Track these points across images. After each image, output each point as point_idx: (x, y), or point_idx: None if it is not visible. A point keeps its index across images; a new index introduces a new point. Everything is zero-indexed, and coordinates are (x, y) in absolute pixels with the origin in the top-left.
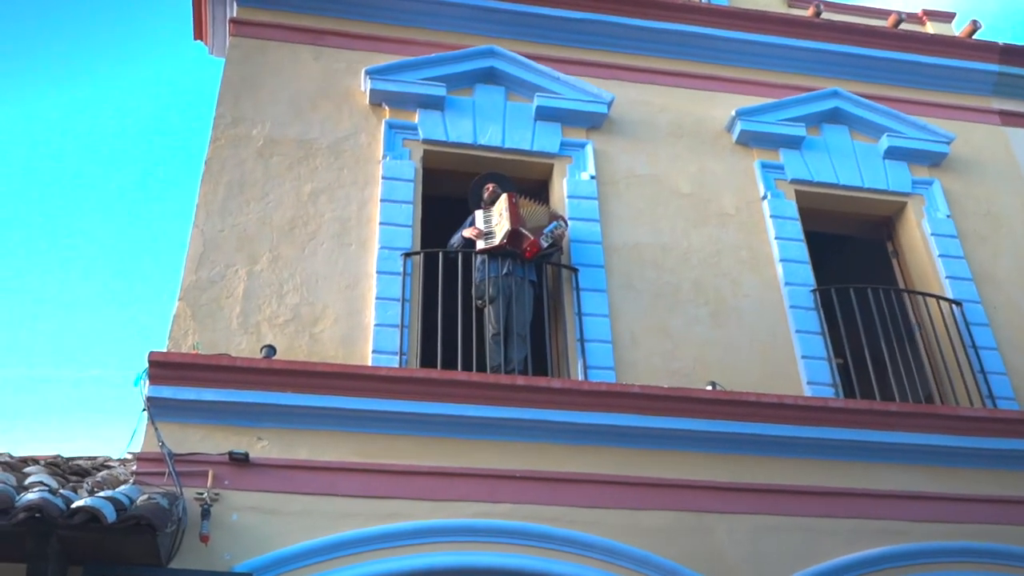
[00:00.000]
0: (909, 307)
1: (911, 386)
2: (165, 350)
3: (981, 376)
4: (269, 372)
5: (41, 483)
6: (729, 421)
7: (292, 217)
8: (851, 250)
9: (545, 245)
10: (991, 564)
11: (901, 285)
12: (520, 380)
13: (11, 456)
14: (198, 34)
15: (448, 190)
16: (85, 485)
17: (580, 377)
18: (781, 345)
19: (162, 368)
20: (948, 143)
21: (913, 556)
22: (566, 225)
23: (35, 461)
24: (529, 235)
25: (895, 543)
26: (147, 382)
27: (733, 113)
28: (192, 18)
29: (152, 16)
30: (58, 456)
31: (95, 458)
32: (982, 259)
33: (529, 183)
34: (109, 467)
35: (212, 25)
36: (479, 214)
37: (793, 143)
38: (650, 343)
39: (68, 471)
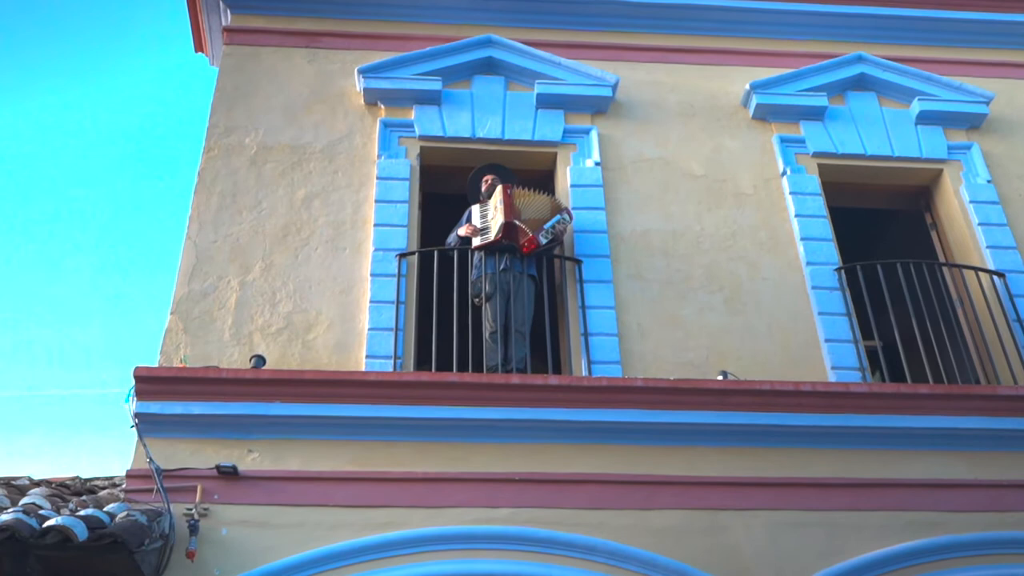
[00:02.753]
0: (950, 282)
1: (947, 367)
2: (157, 364)
3: None
4: (257, 383)
5: (33, 504)
6: (742, 412)
7: (285, 224)
8: (896, 225)
9: (544, 242)
10: None
11: (942, 259)
12: (515, 379)
13: (30, 479)
14: (198, 46)
15: (449, 187)
16: (69, 504)
17: (584, 373)
18: (803, 329)
19: (148, 383)
20: (987, 103)
21: (949, 549)
22: (570, 218)
23: (49, 483)
24: (525, 228)
25: (929, 536)
26: (135, 398)
27: (747, 87)
28: (191, 30)
29: (154, 30)
30: (76, 477)
31: (112, 478)
32: None
33: (532, 174)
34: (119, 485)
35: (210, 36)
36: (475, 209)
37: (815, 114)
38: (659, 334)
39: (81, 491)
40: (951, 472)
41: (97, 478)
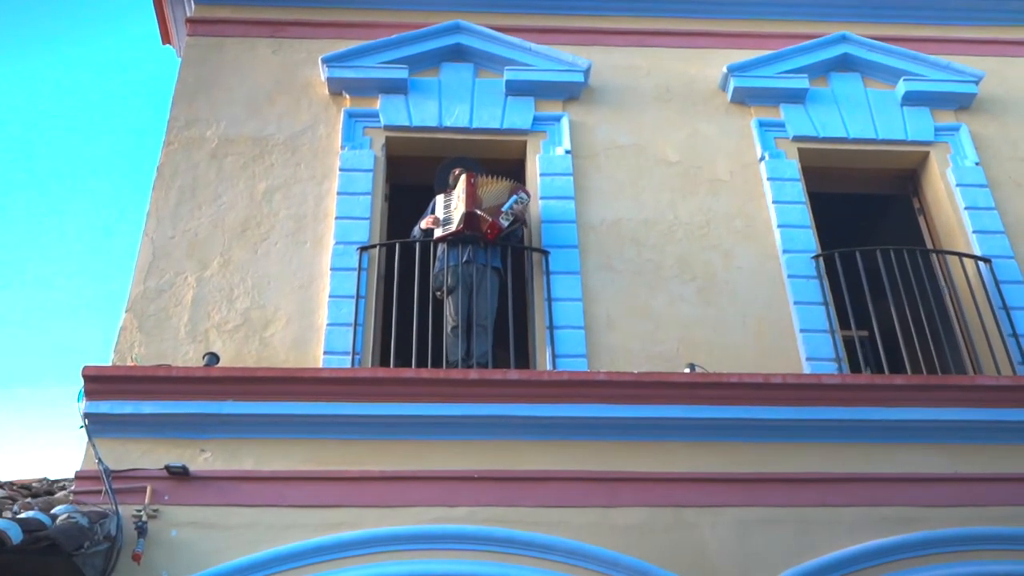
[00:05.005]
0: (937, 268)
1: (930, 357)
2: (110, 363)
3: (1013, 340)
4: (208, 381)
5: None
6: (709, 406)
7: (245, 218)
8: (889, 212)
9: (506, 224)
10: (1018, 551)
11: (929, 244)
12: (474, 374)
13: None
14: (166, 38)
15: (417, 178)
16: (13, 507)
17: (549, 367)
18: (778, 319)
19: (98, 383)
20: (977, 82)
21: (925, 545)
22: (528, 197)
23: (12, 485)
24: (487, 216)
25: (906, 531)
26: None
27: (725, 69)
28: (157, 22)
29: (121, 21)
30: (44, 479)
31: None
32: (1017, 209)
33: (502, 164)
34: None
35: (176, 27)
36: (439, 199)
37: (795, 97)
38: (628, 326)
39: (42, 493)
40: (928, 466)
41: (65, 479)
